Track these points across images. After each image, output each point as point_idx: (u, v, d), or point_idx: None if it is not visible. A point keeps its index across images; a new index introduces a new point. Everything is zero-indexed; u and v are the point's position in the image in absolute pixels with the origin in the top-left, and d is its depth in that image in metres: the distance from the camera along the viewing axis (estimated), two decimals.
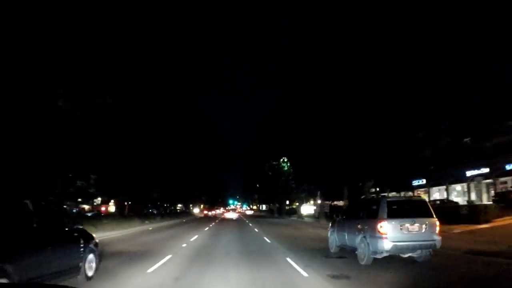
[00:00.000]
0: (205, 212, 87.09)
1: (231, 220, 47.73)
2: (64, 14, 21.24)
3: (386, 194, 40.57)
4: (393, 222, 9.71)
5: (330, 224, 13.69)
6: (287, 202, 67.95)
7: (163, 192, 45.86)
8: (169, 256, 11.71)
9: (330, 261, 10.95)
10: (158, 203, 52.06)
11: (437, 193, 43.24)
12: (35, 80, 19.46)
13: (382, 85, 27.15)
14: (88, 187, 28.95)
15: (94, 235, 8.75)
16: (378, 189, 41.92)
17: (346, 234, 11.57)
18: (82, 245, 7.67)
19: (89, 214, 36.55)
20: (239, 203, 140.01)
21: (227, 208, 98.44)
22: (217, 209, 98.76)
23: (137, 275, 8.68)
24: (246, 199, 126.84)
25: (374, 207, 10.38)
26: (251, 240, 18.28)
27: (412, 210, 10.28)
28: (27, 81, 19.14)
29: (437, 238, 9.95)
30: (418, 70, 25.87)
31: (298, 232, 23.75)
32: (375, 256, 9.96)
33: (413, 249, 9.95)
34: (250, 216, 69.57)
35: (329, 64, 31.20)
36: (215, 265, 10.16)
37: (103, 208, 52.43)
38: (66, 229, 7.38)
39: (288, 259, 11.10)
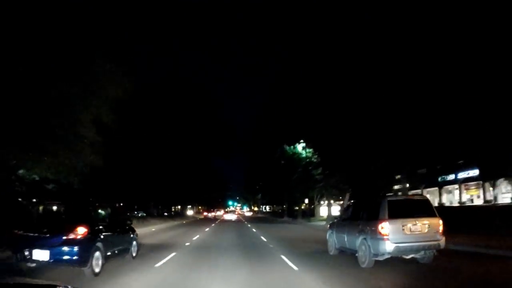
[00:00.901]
0: (205, 213, 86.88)
1: (230, 221, 47.17)
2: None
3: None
4: (394, 223, 9.29)
5: (329, 226, 13.24)
6: (306, 201, 50.36)
7: (152, 192, 39.63)
8: None
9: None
10: (152, 203, 46.01)
11: (502, 186, 27.58)
12: None
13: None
14: (46, 182, 19.50)
15: None
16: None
17: (345, 236, 11.12)
18: (131, 235, 11.45)
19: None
20: (239, 205, 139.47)
21: (226, 210, 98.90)
22: (217, 210, 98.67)
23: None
24: (248, 200, 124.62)
25: (375, 207, 9.95)
26: None
27: (414, 209, 9.87)
28: None
29: (441, 238, 9.57)
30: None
31: None
32: (377, 259, 9.53)
33: (416, 250, 9.52)
34: (250, 218, 61.85)
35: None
36: None
37: None
38: (123, 223, 11.23)
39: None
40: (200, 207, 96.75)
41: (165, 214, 55.71)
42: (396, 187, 33.80)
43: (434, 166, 29.37)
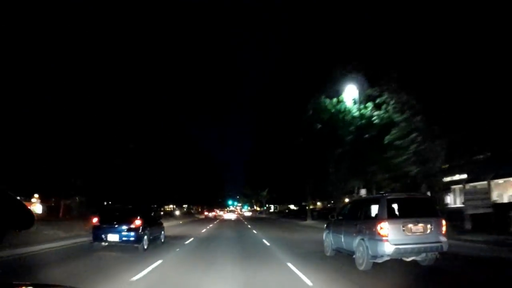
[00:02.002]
0: (206, 213, 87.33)
1: (230, 220, 46.50)
2: None
3: None
4: (394, 223, 8.71)
5: (325, 225, 12.65)
6: (363, 192, 23.81)
7: (146, 192, 34.85)
8: None
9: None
10: (146, 202, 43.09)
11: None
12: None
13: None
14: None
15: None
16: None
17: (342, 237, 10.55)
18: (161, 227, 15.91)
19: None
20: (240, 205, 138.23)
21: (227, 210, 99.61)
22: (220, 210, 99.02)
23: None
24: (249, 198, 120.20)
25: (373, 206, 9.40)
26: None
27: (415, 209, 9.30)
28: None
29: (444, 239, 8.97)
30: None
31: None
32: (375, 261, 8.95)
33: (417, 252, 8.92)
34: (250, 219, 52.23)
35: None
36: None
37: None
38: (157, 219, 16.09)
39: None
40: (197, 207, 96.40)
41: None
42: (448, 178, 23.72)
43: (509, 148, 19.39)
